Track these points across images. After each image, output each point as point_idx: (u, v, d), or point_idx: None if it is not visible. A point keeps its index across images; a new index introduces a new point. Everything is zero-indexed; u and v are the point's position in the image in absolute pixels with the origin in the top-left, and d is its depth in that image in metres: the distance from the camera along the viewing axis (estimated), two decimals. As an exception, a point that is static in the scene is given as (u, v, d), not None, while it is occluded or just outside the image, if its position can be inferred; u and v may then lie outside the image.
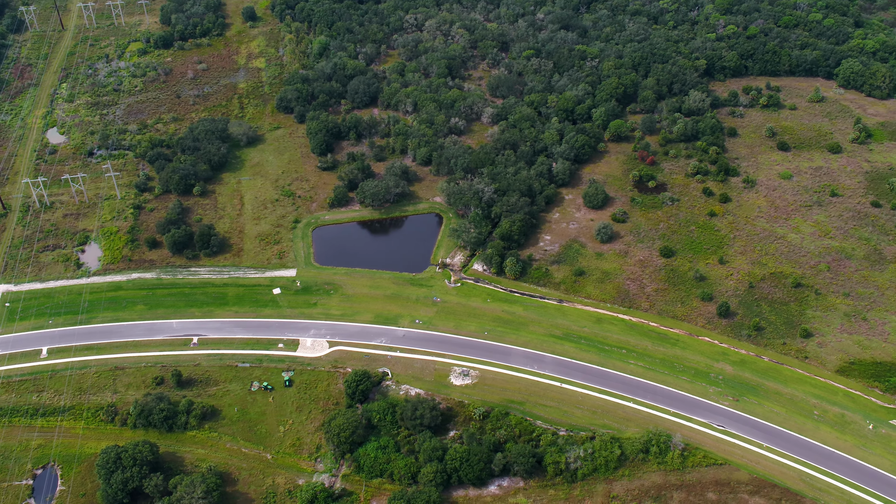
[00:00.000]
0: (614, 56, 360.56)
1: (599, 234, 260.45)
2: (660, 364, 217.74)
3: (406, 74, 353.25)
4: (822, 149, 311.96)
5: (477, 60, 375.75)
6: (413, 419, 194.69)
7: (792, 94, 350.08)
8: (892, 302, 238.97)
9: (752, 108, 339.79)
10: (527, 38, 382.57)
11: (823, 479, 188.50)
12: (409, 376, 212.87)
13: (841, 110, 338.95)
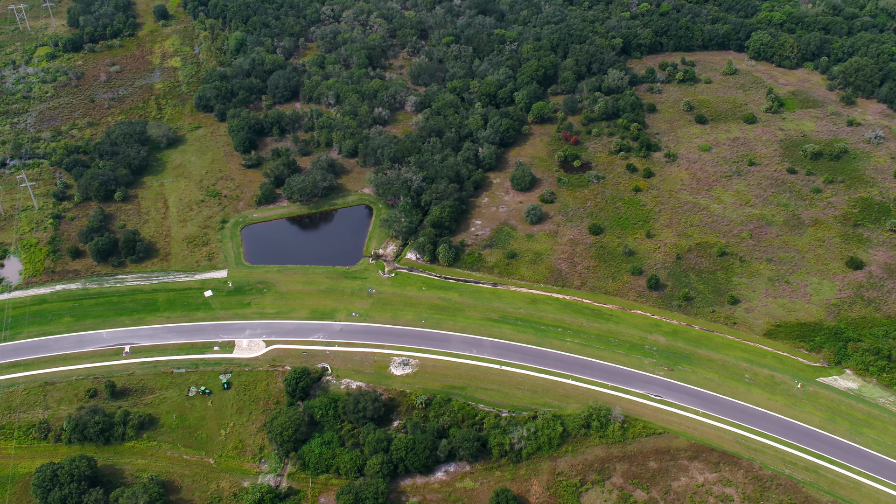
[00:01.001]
0: (533, 39, 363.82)
1: (529, 216, 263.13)
2: (595, 340, 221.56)
3: (326, 67, 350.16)
4: (738, 120, 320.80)
5: (397, 49, 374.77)
6: (356, 412, 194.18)
7: (706, 69, 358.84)
8: (813, 264, 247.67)
9: (670, 83, 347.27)
10: (445, 25, 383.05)
11: (758, 439, 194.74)
12: (349, 370, 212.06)
13: (754, 82, 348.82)
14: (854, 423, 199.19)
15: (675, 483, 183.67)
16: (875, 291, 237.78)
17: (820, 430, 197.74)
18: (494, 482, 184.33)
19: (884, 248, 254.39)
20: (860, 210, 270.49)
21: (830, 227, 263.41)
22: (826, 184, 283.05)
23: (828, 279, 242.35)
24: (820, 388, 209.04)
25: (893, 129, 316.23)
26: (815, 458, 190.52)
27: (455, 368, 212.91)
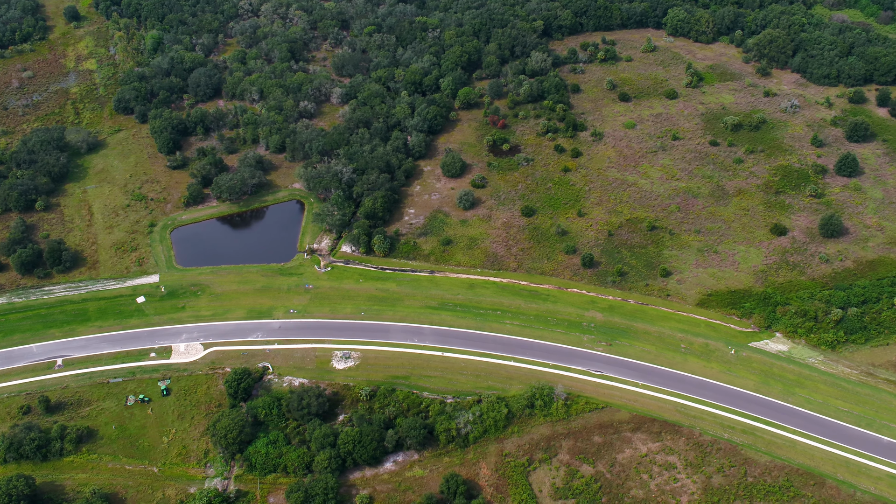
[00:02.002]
0: (455, 25, 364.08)
1: (462, 202, 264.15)
2: (534, 320, 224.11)
3: (248, 62, 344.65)
4: (660, 96, 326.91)
5: (319, 41, 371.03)
6: (300, 409, 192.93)
7: (627, 47, 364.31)
8: (739, 233, 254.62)
9: (592, 63, 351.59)
10: (367, 14, 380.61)
11: (697, 406, 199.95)
12: (290, 367, 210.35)
13: (673, 58, 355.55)
14: (786, 385, 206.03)
15: (620, 455, 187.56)
16: (799, 256, 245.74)
17: (755, 393, 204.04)
18: (443, 468, 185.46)
19: (805, 214, 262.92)
20: (781, 178, 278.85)
21: (754, 195, 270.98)
22: (747, 154, 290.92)
23: (754, 246, 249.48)
24: (752, 353, 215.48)
25: (807, 98, 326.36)
26: (751, 421, 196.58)
27: (397, 358, 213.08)
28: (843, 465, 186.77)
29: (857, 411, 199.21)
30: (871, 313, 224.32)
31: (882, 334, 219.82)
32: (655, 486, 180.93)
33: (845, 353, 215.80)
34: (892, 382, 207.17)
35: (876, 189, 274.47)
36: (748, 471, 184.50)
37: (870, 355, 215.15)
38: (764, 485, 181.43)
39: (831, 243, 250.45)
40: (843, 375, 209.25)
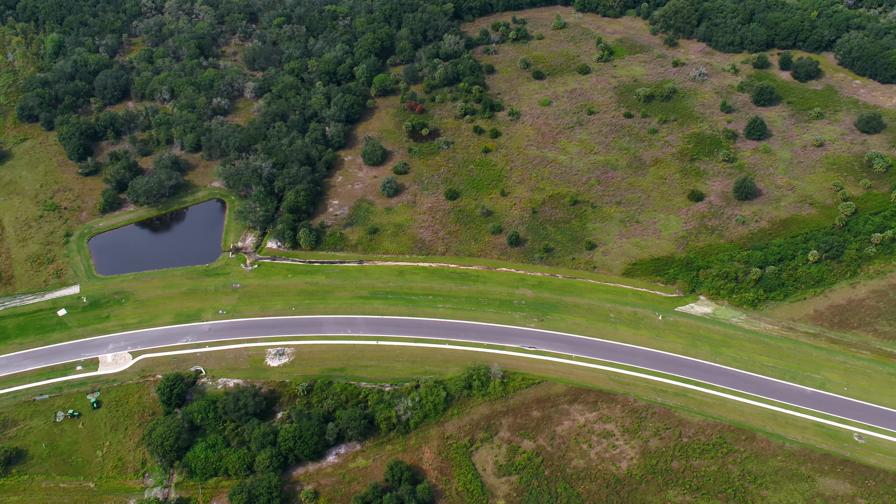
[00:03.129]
0: (365, 11, 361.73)
1: (385, 189, 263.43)
2: (466, 302, 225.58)
3: (156, 61, 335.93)
4: (573, 72, 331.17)
5: (228, 35, 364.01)
6: (237, 410, 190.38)
7: (537, 25, 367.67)
8: (658, 201, 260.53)
9: (504, 43, 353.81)
10: (275, 6, 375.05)
11: (630, 373, 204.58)
12: (224, 368, 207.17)
13: (583, 33, 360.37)
14: (713, 345, 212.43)
15: (559, 427, 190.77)
16: (717, 220, 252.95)
17: (684, 356, 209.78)
18: (387, 456, 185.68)
19: (719, 178, 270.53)
20: (694, 145, 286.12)
21: (670, 164, 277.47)
22: (661, 124, 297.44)
23: (674, 214, 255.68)
24: (679, 317, 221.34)
25: (714, 66, 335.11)
26: (682, 383, 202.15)
27: (332, 351, 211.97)
28: (771, 417, 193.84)
29: (781, 365, 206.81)
30: (787, 270, 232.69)
31: (799, 290, 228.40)
32: (595, 455, 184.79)
33: (766, 310, 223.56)
34: (812, 335, 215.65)
35: (784, 150, 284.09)
36: (683, 431, 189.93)
37: (789, 310, 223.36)
38: (699, 444, 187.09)
39: (746, 205, 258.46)
40: (765, 332, 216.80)
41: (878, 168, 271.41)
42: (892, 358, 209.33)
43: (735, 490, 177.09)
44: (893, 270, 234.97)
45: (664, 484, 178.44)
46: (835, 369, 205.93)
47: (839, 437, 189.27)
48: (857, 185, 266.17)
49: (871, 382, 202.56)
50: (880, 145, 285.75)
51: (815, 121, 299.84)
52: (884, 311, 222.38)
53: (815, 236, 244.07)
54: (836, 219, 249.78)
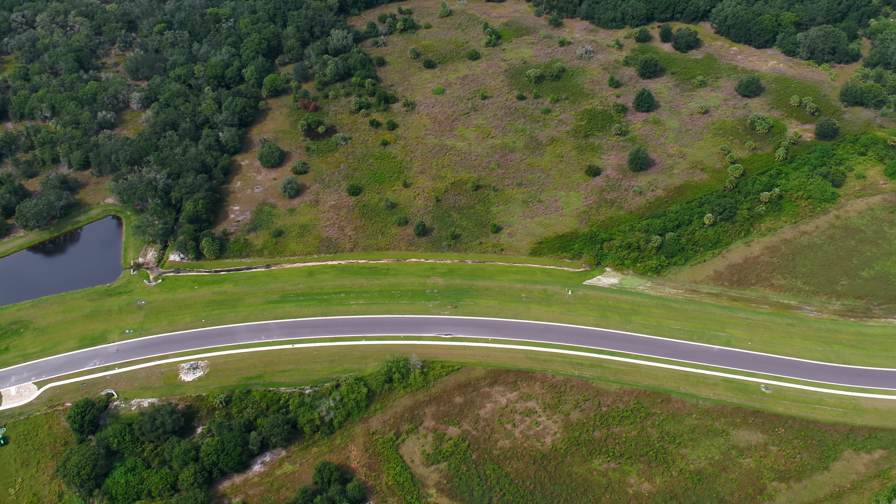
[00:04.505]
0: (248, 12, 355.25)
1: (286, 191, 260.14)
2: (379, 296, 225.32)
3: (32, 78, 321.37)
4: (463, 58, 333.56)
5: (107, 46, 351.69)
6: (155, 430, 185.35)
7: (424, 14, 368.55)
8: (557, 179, 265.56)
9: (392, 34, 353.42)
10: (154, 12, 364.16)
11: (546, 350, 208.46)
12: (136, 389, 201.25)
13: (469, 19, 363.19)
14: (623, 314, 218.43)
15: (482, 411, 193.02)
16: (615, 192, 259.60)
17: (596, 327, 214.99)
18: (313, 459, 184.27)
19: (614, 152, 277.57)
20: (587, 121, 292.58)
21: (566, 142, 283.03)
22: (553, 103, 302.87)
23: (574, 190, 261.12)
24: (588, 291, 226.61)
25: (599, 43, 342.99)
26: (597, 354, 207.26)
27: (247, 359, 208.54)
28: (683, 378, 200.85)
29: (688, 327, 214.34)
30: (685, 235, 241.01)
31: (698, 253, 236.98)
32: (520, 433, 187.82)
33: (669, 275, 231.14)
34: (714, 295, 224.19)
35: (673, 119, 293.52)
36: (601, 401, 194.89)
37: (691, 274, 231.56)
38: (618, 411, 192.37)
39: (641, 176, 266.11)
40: (670, 297, 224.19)
41: (760, 130, 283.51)
42: (789, 309, 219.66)
43: (656, 452, 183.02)
44: (783, 226, 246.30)
45: (588, 454, 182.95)
46: (738, 325, 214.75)
47: (748, 390, 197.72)
48: (742, 148, 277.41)
49: (772, 335, 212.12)
50: (761, 108, 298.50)
51: (698, 89, 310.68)
52: (778, 265, 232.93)
53: (708, 200, 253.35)
54: (727, 181, 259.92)
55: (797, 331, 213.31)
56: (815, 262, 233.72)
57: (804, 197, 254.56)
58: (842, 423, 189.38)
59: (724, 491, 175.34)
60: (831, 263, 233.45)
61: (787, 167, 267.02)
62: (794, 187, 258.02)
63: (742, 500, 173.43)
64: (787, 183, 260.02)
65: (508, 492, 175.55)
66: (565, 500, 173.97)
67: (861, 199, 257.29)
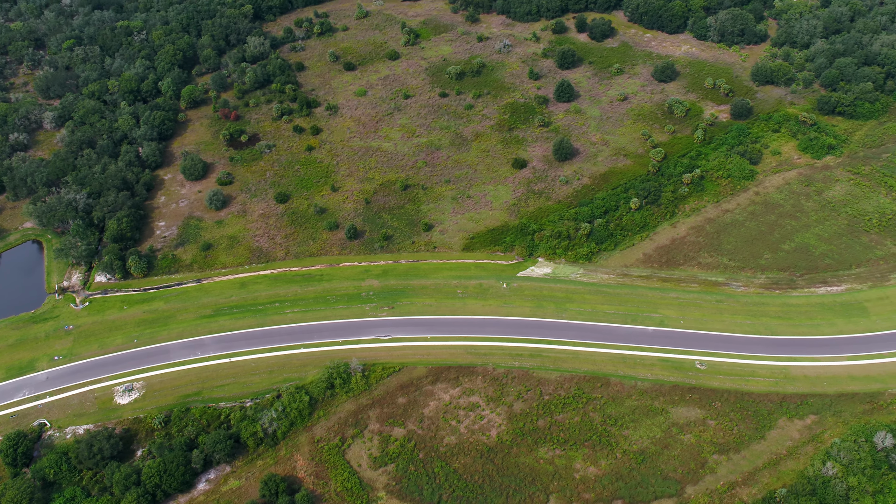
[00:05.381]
0: (161, 23, 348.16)
1: (212, 203, 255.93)
2: (314, 303, 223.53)
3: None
4: (383, 59, 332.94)
5: (14, 66, 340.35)
6: (92, 457, 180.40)
7: (340, 17, 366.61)
8: (485, 174, 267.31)
9: (310, 38, 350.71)
10: (61, 29, 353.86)
11: (485, 344, 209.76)
12: (70, 416, 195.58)
13: (386, 19, 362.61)
14: (558, 303, 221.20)
15: (426, 409, 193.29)
16: (542, 183, 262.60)
17: (532, 318, 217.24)
18: (259, 472, 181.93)
19: (538, 143, 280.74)
20: (510, 115, 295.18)
21: (490, 136, 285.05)
22: (476, 98, 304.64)
23: (502, 184, 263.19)
24: (522, 282, 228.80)
25: (517, 36, 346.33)
26: (536, 344, 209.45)
27: (184, 377, 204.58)
28: (621, 361, 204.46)
29: (622, 310, 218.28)
30: (613, 221, 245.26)
31: (627, 237, 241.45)
32: (465, 429, 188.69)
33: (600, 261, 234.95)
34: (645, 277, 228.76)
35: (593, 108, 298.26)
36: (543, 390, 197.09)
37: (621, 258, 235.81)
38: (559, 398, 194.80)
39: (567, 165, 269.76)
40: (603, 282, 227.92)
41: (678, 113, 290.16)
42: (717, 286, 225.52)
43: (599, 435, 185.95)
44: (706, 206, 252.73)
45: (534, 443, 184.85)
46: (670, 305, 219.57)
47: (683, 368, 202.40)
48: (662, 132, 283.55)
49: (703, 312, 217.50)
50: (677, 92, 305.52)
51: (616, 77, 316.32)
52: (703, 244, 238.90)
53: (633, 185, 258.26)
54: (650, 166, 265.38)
55: (726, 306, 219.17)
56: (738, 239, 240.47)
57: (724, 176, 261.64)
58: (774, 393, 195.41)
59: (667, 468, 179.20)
60: (754, 239, 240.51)
61: (707, 148, 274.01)
62: (714, 167, 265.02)
63: (685, 476, 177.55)
64: (708, 163, 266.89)
65: (458, 487, 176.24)
66: (514, 491, 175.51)
67: (778, 174, 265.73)
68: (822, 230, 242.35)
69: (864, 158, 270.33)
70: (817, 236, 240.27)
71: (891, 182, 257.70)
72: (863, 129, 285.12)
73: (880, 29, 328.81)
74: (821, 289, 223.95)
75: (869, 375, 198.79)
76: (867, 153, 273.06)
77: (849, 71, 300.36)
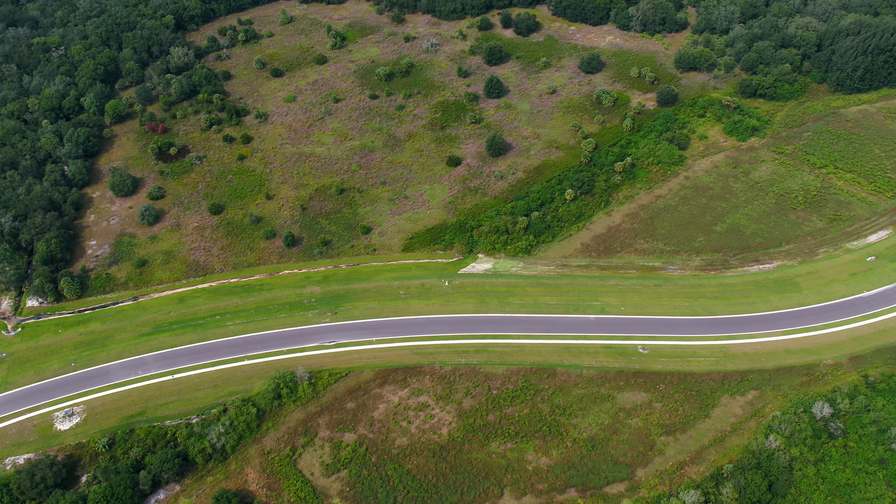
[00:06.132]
0: (79, 38, 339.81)
1: (144, 218, 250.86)
2: (256, 313, 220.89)
3: None
4: (310, 63, 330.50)
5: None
6: (35, 487, 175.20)
7: (265, 23, 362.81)
8: (420, 174, 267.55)
9: (235, 46, 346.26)
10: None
11: (431, 343, 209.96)
12: (9, 446, 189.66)
13: (312, 24, 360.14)
14: (500, 297, 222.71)
15: (376, 412, 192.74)
16: (477, 179, 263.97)
17: (476, 314, 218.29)
18: (209, 489, 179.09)
19: (471, 140, 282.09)
20: (442, 113, 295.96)
21: (423, 136, 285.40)
22: (406, 99, 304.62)
23: (437, 182, 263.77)
24: (464, 279, 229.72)
25: (443, 35, 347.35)
26: (481, 340, 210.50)
27: (126, 397, 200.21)
28: (566, 351, 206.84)
29: (564, 301, 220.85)
30: (550, 213, 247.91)
31: (564, 228, 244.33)
32: (416, 429, 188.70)
33: (539, 254, 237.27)
34: (584, 267, 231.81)
35: (523, 102, 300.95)
36: (491, 385, 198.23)
37: (560, 249, 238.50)
38: (508, 392, 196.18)
39: (501, 160, 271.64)
40: (543, 274, 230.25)
41: (606, 103, 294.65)
42: (654, 271, 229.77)
43: (549, 426, 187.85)
44: (639, 193, 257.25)
45: (485, 438, 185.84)
46: (610, 293, 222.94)
47: (627, 353, 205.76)
48: (592, 123, 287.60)
49: (642, 297, 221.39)
50: (604, 82, 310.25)
51: (544, 70, 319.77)
52: (639, 230, 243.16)
53: (567, 176, 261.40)
54: (582, 156, 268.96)
55: (665, 290, 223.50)
56: (672, 223, 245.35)
57: (655, 163, 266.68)
58: (716, 372, 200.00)
59: (617, 453, 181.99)
60: (687, 222, 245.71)
61: (636, 136, 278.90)
62: (644, 155, 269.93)
63: (635, 459, 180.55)
64: (638, 151, 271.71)
65: (412, 488, 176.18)
66: (469, 487, 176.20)
67: (706, 158, 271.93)
68: (752, 210, 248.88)
69: (787, 138, 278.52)
70: (747, 216, 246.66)
71: (813, 160, 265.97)
72: (784, 110, 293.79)
73: (794, 12, 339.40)
74: (753, 267, 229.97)
75: (804, 348, 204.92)
76: (789, 133, 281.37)
77: (767, 54, 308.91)
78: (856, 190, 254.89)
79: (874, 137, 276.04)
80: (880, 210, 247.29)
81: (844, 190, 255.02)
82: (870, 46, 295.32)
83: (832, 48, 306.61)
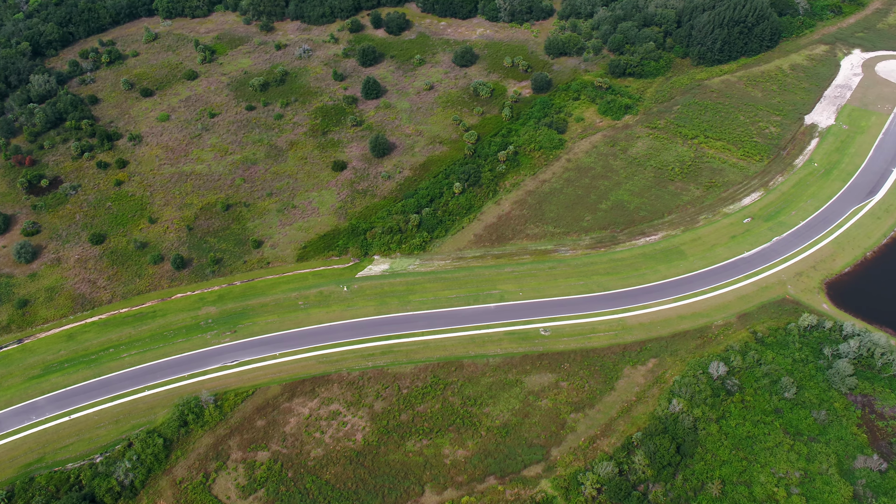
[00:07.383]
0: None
1: (20, 256, 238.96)
2: (151, 341, 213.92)
3: None
4: (181, 80, 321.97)
5: None
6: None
7: (128, 42, 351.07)
8: (306, 182, 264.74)
9: (99, 69, 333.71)
10: None
11: (336, 350, 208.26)
12: None
13: (178, 40, 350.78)
14: (400, 296, 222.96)
15: (287, 427, 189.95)
16: (365, 182, 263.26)
17: (378, 315, 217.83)
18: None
19: (354, 143, 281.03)
20: (322, 119, 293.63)
21: (305, 143, 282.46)
22: (284, 107, 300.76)
23: (325, 189, 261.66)
24: (362, 282, 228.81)
25: (315, 40, 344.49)
26: (386, 341, 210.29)
27: (21, 446, 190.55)
28: (470, 342, 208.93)
29: (464, 293, 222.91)
30: (440, 207, 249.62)
31: (456, 221, 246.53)
32: (330, 438, 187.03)
33: (434, 249, 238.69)
34: (479, 258, 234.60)
35: (402, 101, 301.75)
36: (400, 385, 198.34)
37: (454, 243, 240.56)
38: (418, 390, 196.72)
39: (386, 160, 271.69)
40: (441, 269, 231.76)
41: (484, 95, 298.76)
42: (547, 254, 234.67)
43: (462, 418, 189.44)
44: (524, 179, 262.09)
45: (400, 438, 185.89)
46: (507, 280, 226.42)
47: (529, 337, 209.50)
48: (472, 115, 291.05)
49: (538, 281, 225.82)
50: (479, 74, 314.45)
51: (419, 67, 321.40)
52: (528, 216, 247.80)
53: (453, 170, 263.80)
54: (465, 149, 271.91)
55: (559, 271, 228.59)
56: (559, 206, 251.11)
57: (536, 148, 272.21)
58: (616, 345, 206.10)
59: (531, 435, 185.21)
60: (573, 203, 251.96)
61: (516, 124, 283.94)
62: (525, 142, 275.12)
63: (548, 439, 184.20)
64: (519, 139, 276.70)
65: (332, 498, 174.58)
66: (389, 489, 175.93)
67: (584, 139, 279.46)
68: (633, 185, 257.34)
69: (658, 113, 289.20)
70: (629, 192, 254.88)
71: (685, 131, 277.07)
72: (653, 87, 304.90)
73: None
74: (640, 240, 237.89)
75: (696, 312, 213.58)
76: (660, 108, 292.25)
77: (632, 34, 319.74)
78: (727, 157, 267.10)
79: (738, 105, 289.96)
80: (751, 173, 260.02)
81: (716, 157, 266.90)
82: (725, 19, 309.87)
83: (691, 24, 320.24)
